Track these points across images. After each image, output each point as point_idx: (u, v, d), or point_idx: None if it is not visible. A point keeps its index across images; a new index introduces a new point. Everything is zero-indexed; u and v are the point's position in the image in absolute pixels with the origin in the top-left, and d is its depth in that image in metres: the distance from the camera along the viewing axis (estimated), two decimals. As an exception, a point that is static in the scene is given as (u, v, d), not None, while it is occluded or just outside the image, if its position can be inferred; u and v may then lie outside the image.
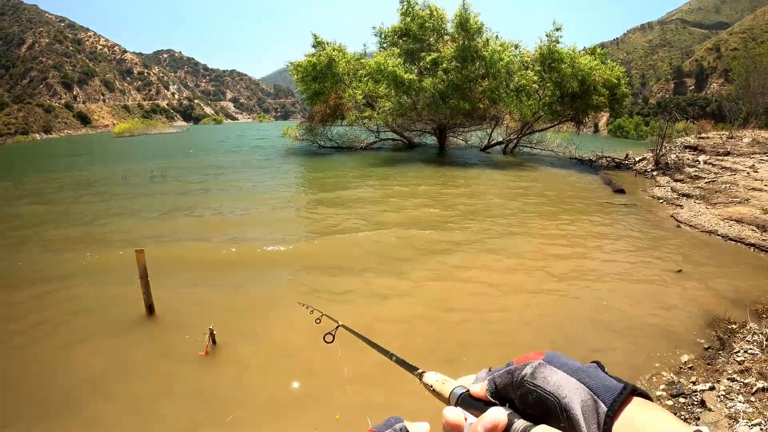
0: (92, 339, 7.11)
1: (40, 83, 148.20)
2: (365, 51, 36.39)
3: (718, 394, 5.53)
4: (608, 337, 7.10)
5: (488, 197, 17.70)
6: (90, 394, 5.83)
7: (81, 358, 6.61)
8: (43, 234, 13.19)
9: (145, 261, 7.41)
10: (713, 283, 9.12)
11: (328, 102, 32.53)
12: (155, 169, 25.42)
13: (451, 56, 27.83)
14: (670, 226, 13.59)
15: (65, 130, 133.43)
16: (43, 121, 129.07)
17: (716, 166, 19.70)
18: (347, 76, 33.03)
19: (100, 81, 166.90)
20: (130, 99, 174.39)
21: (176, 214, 15.05)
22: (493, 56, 27.44)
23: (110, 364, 6.48)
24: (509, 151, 33.20)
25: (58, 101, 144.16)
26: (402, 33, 31.70)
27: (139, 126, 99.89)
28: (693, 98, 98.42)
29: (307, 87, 33.35)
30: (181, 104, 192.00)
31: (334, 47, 34.04)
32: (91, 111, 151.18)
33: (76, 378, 6.17)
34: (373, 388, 5.88)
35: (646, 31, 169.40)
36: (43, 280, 9.51)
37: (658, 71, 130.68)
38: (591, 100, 28.29)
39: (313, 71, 32.54)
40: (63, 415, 5.47)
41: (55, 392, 5.90)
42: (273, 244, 11.58)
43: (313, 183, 22.20)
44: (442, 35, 31.22)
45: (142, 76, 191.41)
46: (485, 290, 8.91)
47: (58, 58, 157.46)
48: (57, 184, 22.75)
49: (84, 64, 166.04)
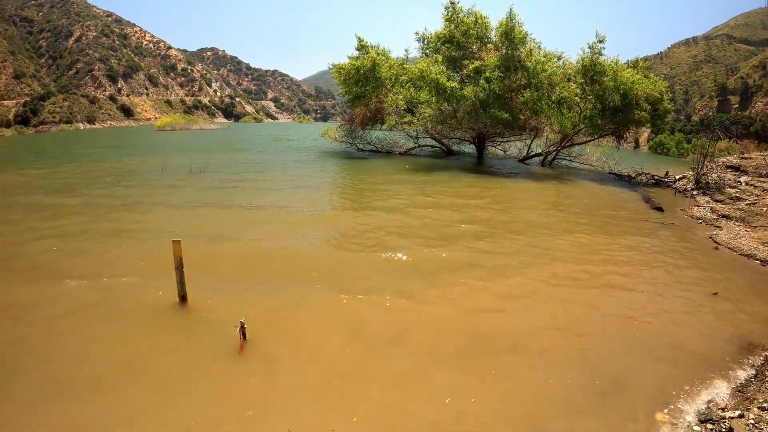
0: (125, 326, 7.42)
1: (86, 75, 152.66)
2: (407, 56, 36.73)
3: (747, 422, 5.51)
4: (639, 357, 7.08)
5: (523, 209, 17.75)
6: (118, 378, 6.12)
7: (112, 344, 6.95)
8: (78, 222, 13.54)
9: (181, 252, 7.67)
10: (748, 308, 9.04)
11: (368, 106, 32.89)
12: (194, 164, 25.99)
13: (494, 65, 27.86)
14: (708, 248, 13.41)
15: (108, 121, 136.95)
16: (87, 111, 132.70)
17: (758, 188, 19.37)
18: (389, 80, 33.31)
19: (144, 75, 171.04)
20: (172, 94, 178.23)
21: (212, 209, 15.45)
22: (536, 67, 27.39)
23: (140, 350, 6.79)
24: (548, 163, 32.99)
25: (102, 93, 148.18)
26: (445, 39, 31.83)
27: (180, 121, 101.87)
28: (737, 117, 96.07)
29: (349, 90, 33.68)
30: (222, 101, 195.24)
31: (378, 51, 34.39)
32: (134, 104, 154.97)
33: (105, 362, 6.49)
34: (394, 390, 6.15)
35: (690, 46, 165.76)
36: (78, 268, 9.80)
37: (701, 88, 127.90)
38: (632, 115, 27.88)
39: (356, 74, 32.86)
40: (90, 395, 5.78)
41: (83, 374, 6.22)
42: (307, 244, 11.85)
43: (353, 186, 22.61)
44: (485, 43, 31.27)
45: (186, 72, 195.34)
46: (506, 304, 8.93)
47: (104, 52, 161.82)
48: (97, 172, 23.77)
49: (129, 58, 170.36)
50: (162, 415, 5.48)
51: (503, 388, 6.27)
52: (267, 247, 11.58)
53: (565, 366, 6.81)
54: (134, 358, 6.59)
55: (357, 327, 7.64)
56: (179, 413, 5.52)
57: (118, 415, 5.48)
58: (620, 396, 6.13)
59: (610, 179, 27.25)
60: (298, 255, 11.11)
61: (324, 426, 5.36)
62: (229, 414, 5.51)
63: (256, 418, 5.44)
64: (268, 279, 9.58)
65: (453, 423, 5.58)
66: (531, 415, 5.78)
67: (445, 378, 6.41)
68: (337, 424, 5.37)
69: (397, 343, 7.21)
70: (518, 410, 5.85)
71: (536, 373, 6.62)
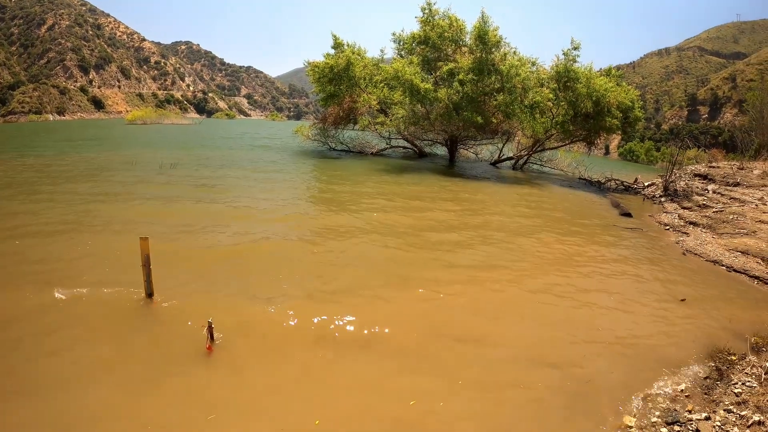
0: (89, 325, 7.17)
1: (57, 65, 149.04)
2: (383, 56, 36.57)
3: (714, 424, 5.58)
4: (606, 361, 7.11)
5: (493, 213, 17.72)
6: (81, 377, 5.94)
7: (76, 343, 6.69)
8: (39, 219, 12.98)
9: (148, 249, 7.48)
10: (715, 313, 9.13)
11: (342, 105, 32.65)
12: (165, 159, 25.47)
13: (468, 68, 27.82)
14: (675, 254, 13.55)
15: (78, 113, 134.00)
16: (57, 102, 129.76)
17: (725, 196, 19.67)
18: (363, 80, 33.14)
19: (116, 67, 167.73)
20: (145, 87, 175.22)
21: (181, 206, 15.09)
22: (510, 71, 27.39)
23: (105, 350, 6.55)
24: (519, 167, 33.19)
25: (73, 84, 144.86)
26: (420, 41, 31.69)
27: (152, 114, 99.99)
28: (706, 127, 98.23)
29: (323, 88, 33.39)
30: (195, 96, 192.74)
31: (353, 50, 34.16)
32: (105, 96, 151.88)
33: (68, 361, 6.26)
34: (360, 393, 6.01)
35: (663, 56, 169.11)
36: (40, 266, 9.43)
37: (672, 97, 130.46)
38: (604, 122, 28.11)
39: (330, 73, 32.58)
40: (52, 394, 5.57)
41: (45, 373, 5.98)
42: (276, 242, 11.64)
43: (324, 184, 22.29)
44: (460, 46, 31.25)
45: (159, 65, 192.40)
46: (478, 308, 8.88)
47: (77, 41, 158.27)
48: (63, 166, 22.89)
49: (102, 49, 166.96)
50: (124, 417, 5.34)
51: (471, 392, 6.21)
52: (236, 245, 11.28)
53: (533, 370, 6.79)
54: (98, 358, 6.39)
55: (326, 328, 7.49)
56: (141, 414, 5.38)
57: (79, 414, 5.32)
58: (588, 399, 6.14)
59: (580, 184, 27.45)
60: (267, 253, 10.94)
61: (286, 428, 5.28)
62: (193, 417, 5.38)
63: (218, 421, 5.31)
64: (236, 277, 9.36)
65: (417, 424, 5.52)
66: (500, 417, 5.75)
67: (413, 380, 6.34)
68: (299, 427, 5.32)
69: (365, 346, 7.10)
70: (487, 414, 5.82)
71: (504, 376, 6.61)
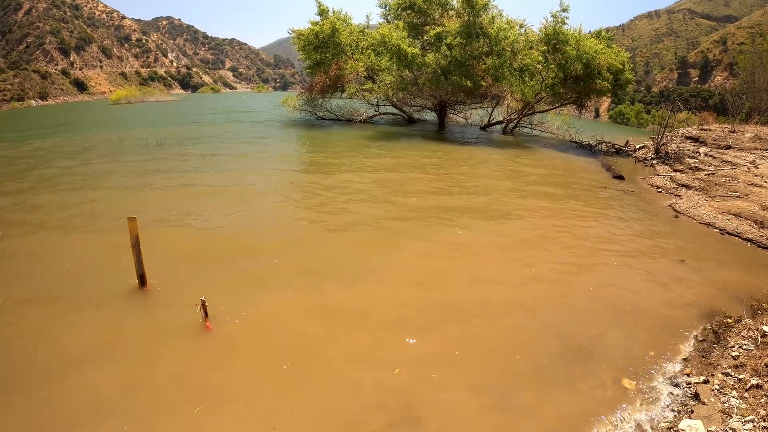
0: (82, 310, 7.02)
1: (37, 49, 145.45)
2: (368, 23, 35.97)
3: (712, 388, 5.56)
4: (604, 324, 7.09)
5: (485, 177, 17.57)
6: (76, 365, 5.78)
7: (70, 330, 6.53)
8: (30, 201, 12.88)
9: (137, 230, 7.30)
10: (709, 276, 9.14)
11: (329, 73, 32.05)
12: (150, 137, 24.95)
13: (456, 32, 27.32)
14: (668, 216, 13.56)
15: (61, 97, 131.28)
16: (39, 87, 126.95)
17: (717, 159, 19.51)
18: (350, 47, 32.57)
19: (97, 47, 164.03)
20: (127, 66, 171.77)
21: (169, 185, 14.76)
22: (498, 34, 27.00)
23: (95, 338, 6.38)
24: (509, 131, 32.94)
25: (54, 67, 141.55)
26: (407, 5, 31.09)
27: (136, 93, 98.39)
28: (696, 90, 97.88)
29: (309, 56, 32.84)
30: (179, 72, 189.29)
31: (339, 16, 33.45)
32: (87, 78, 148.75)
33: (64, 349, 6.10)
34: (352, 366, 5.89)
35: (652, 18, 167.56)
36: (30, 248, 9.35)
37: (662, 60, 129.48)
38: (594, 84, 27.84)
39: (316, 40, 31.99)
40: (36, 389, 5.38)
41: (43, 361, 5.84)
42: (267, 219, 11.46)
43: (314, 158, 21.86)
44: (447, 10, 30.71)
45: (141, 43, 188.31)
46: (473, 271, 8.85)
47: (55, 24, 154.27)
48: (50, 150, 22.37)
49: (81, 30, 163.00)
50: (122, 403, 5.19)
51: (472, 357, 6.16)
52: (227, 223, 11.08)
53: (532, 334, 6.75)
54: (92, 344, 6.23)
55: (319, 304, 7.38)
56: (138, 400, 5.24)
57: (73, 404, 5.16)
58: (587, 363, 6.09)
59: (570, 147, 27.27)
60: (258, 231, 10.73)
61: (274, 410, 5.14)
62: (188, 398, 5.25)
63: (201, 414, 5.10)
64: (228, 256, 9.19)
65: (410, 392, 5.44)
66: (499, 383, 5.66)
67: (409, 350, 6.27)
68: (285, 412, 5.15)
69: (359, 318, 7.02)
70: (487, 378, 5.75)
71: (504, 341, 6.56)
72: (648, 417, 5.16)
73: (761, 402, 5.11)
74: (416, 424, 4.97)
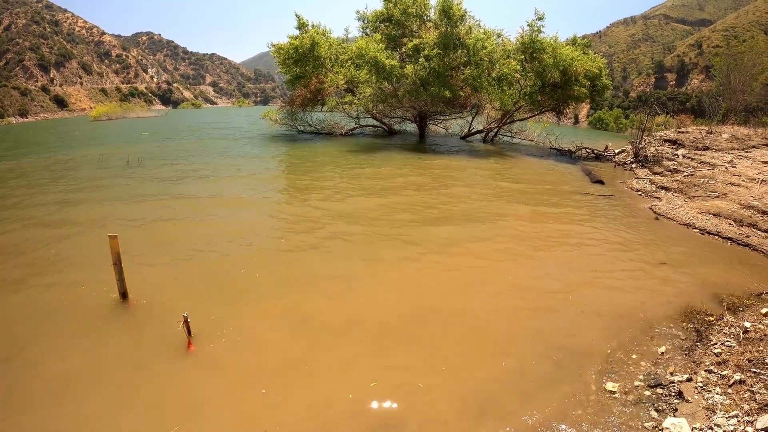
0: (64, 329, 6.87)
1: (17, 65, 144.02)
2: (347, 36, 36.12)
3: (696, 385, 5.58)
4: (585, 326, 7.10)
5: (466, 185, 17.63)
6: (56, 388, 5.63)
7: (52, 351, 6.37)
8: (12, 216, 12.71)
9: (118, 247, 7.21)
10: (690, 276, 9.21)
11: (309, 86, 32.05)
12: (131, 153, 24.60)
13: (434, 43, 27.54)
14: (648, 218, 13.67)
15: (42, 114, 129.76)
16: (19, 104, 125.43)
17: (695, 161, 19.75)
18: (329, 60, 32.61)
19: (77, 63, 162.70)
20: (107, 82, 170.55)
21: (149, 201, 14.55)
22: (476, 44, 27.21)
23: (80, 356, 6.24)
24: (489, 139, 33.19)
25: (34, 84, 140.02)
26: (384, 18, 31.35)
27: (117, 110, 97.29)
28: (673, 93, 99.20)
29: (289, 70, 32.72)
30: (159, 88, 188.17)
31: (318, 30, 33.45)
32: (68, 94, 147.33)
33: (45, 372, 5.92)
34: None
35: (629, 24, 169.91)
36: (10, 266, 9.19)
37: (639, 65, 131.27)
38: (572, 91, 28.19)
39: (295, 54, 31.89)
40: (27, 409, 5.26)
41: (22, 385, 5.68)
42: (248, 234, 11.31)
43: (295, 171, 21.69)
44: (425, 21, 30.95)
45: (121, 58, 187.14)
46: (456, 279, 8.84)
47: (35, 40, 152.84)
48: (29, 167, 22.06)
49: (61, 46, 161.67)
50: (101, 427, 5.05)
51: (454, 365, 6.12)
52: (208, 238, 10.92)
53: (515, 339, 6.76)
54: (74, 365, 6.06)
55: (302, 318, 7.29)
56: (118, 423, 5.10)
57: (54, 429, 5.04)
58: (570, 366, 6.08)
59: (551, 154, 27.52)
60: (240, 245, 10.54)
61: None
62: (171, 420, 5.11)
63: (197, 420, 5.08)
64: (210, 271, 9.07)
65: (391, 403, 5.39)
66: (483, 390, 5.63)
67: (393, 360, 6.22)
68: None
69: (342, 331, 6.92)
70: (469, 387, 5.70)
71: (485, 347, 6.56)
72: (632, 417, 5.16)
73: (745, 397, 5.14)
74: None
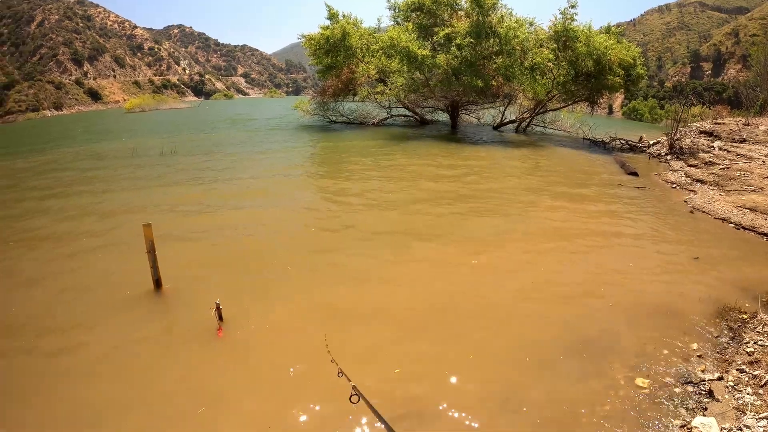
0: (98, 315, 7.09)
1: (50, 60, 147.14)
2: (379, 26, 36.15)
3: (727, 384, 5.50)
4: (618, 320, 7.05)
5: (499, 177, 17.58)
6: (88, 371, 5.84)
7: (85, 335, 6.60)
8: (50, 205, 13.12)
9: (152, 235, 7.39)
10: (724, 272, 9.03)
11: (340, 76, 32.20)
12: (165, 144, 25.08)
13: (465, 32, 27.37)
14: (683, 212, 13.47)
15: (76, 107, 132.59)
16: (53, 97, 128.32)
17: (731, 153, 19.31)
18: (360, 50, 32.68)
19: (110, 57, 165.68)
20: (140, 75, 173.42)
21: (182, 191, 14.90)
22: (508, 33, 26.99)
23: (113, 341, 6.46)
24: (522, 130, 32.90)
25: (68, 78, 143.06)
26: (415, 7, 31.22)
27: (150, 101, 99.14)
28: (709, 83, 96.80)
29: (320, 60, 32.97)
30: (192, 79, 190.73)
31: (349, 20, 33.60)
32: (101, 87, 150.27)
33: (77, 355, 6.17)
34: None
35: (663, 12, 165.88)
36: (48, 253, 9.50)
37: (674, 54, 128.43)
38: (606, 81, 27.73)
39: (326, 44, 32.13)
40: (52, 395, 5.44)
41: (54, 368, 5.91)
42: (281, 224, 11.50)
43: (327, 161, 21.98)
44: (456, 10, 30.74)
45: (153, 51, 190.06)
46: (491, 272, 8.82)
47: (68, 35, 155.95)
48: (70, 157, 22.86)
49: (94, 40, 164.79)
50: (126, 410, 5.20)
51: (480, 355, 6.13)
52: (241, 228, 11.14)
53: (544, 332, 6.70)
54: (106, 350, 6.27)
55: (330, 307, 7.36)
56: (145, 406, 5.26)
57: (88, 407, 5.22)
58: (600, 362, 6.00)
59: (584, 145, 27.16)
60: (272, 236, 10.73)
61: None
62: (198, 401, 5.28)
63: (206, 415, 5.13)
64: (243, 260, 9.22)
65: (415, 390, 5.40)
66: (509, 381, 5.63)
67: (420, 348, 6.28)
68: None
69: (369, 319, 6.99)
70: (495, 377, 5.71)
71: (514, 339, 6.52)
72: (662, 415, 5.11)
73: (776, 399, 5.02)
74: (421, 419, 5.00)
